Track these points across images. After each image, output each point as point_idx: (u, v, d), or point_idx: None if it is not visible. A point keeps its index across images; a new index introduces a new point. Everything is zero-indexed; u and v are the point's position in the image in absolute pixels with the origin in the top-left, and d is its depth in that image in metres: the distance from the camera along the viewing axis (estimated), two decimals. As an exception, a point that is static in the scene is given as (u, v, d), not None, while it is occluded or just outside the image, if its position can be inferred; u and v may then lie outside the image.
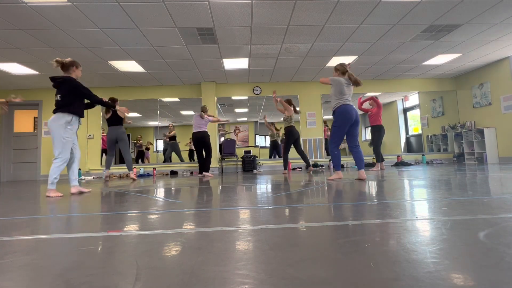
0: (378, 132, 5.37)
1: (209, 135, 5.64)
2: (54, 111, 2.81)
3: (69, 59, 2.92)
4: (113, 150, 5.15)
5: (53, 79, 2.86)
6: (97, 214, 1.66)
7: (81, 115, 2.94)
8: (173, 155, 8.18)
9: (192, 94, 7.28)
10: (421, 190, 2.17)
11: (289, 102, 5.24)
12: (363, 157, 3.35)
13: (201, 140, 5.50)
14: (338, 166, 3.45)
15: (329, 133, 5.54)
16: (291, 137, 5.16)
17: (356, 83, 3.30)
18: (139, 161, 8.93)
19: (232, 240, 1.01)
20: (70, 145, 2.86)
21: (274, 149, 8.37)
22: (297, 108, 5.18)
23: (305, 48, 5.15)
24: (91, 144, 7.03)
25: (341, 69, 3.42)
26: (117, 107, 3.53)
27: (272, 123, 8.78)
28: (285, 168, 5.32)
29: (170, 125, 8.27)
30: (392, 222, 1.18)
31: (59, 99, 2.79)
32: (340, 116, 3.30)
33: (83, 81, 6.55)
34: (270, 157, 8.28)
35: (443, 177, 3.19)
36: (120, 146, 5.05)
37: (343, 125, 3.30)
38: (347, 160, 7.40)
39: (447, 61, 6.13)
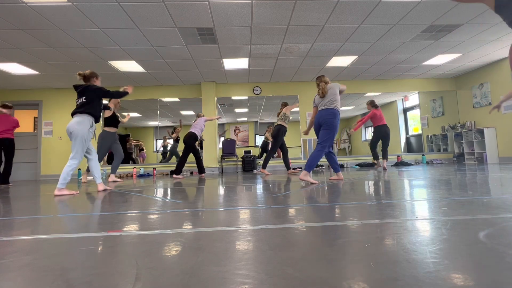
0: (375, 132, 5.46)
1: (194, 137, 5.11)
2: (76, 113, 2.97)
3: (89, 71, 3.18)
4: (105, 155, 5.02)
5: (76, 87, 3.09)
6: (97, 214, 1.66)
7: (98, 119, 3.13)
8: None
9: (192, 94, 7.28)
10: (421, 190, 2.17)
11: (285, 104, 5.40)
12: (317, 161, 3.37)
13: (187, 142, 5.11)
14: (337, 168, 3.48)
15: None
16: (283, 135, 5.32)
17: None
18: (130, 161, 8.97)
19: (232, 240, 1.01)
20: (86, 147, 3.04)
21: (265, 150, 8.32)
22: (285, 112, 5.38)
23: (305, 48, 5.14)
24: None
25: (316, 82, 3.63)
26: (130, 90, 3.45)
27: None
28: (289, 168, 5.43)
29: (178, 127, 8.21)
30: (392, 222, 1.18)
31: (84, 101, 2.99)
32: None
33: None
34: (261, 156, 8.24)
35: (443, 177, 3.19)
36: (116, 149, 4.83)
37: (315, 130, 3.51)
38: (346, 160, 7.41)
39: (447, 61, 6.13)
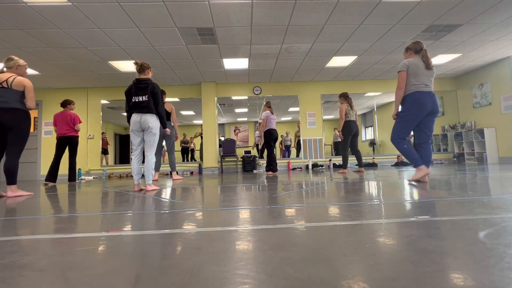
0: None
1: None
2: (145, 112, 2.85)
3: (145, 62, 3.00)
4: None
5: (139, 81, 2.91)
6: (97, 214, 1.66)
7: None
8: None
9: (192, 94, 7.29)
10: (421, 190, 2.17)
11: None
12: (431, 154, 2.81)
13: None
14: (417, 160, 2.67)
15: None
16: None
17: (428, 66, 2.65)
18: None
19: (232, 240, 1.01)
20: None
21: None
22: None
23: (305, 48, 5.14)
24: (91, 144, 7.04)
25: (414, 48, 2.74)
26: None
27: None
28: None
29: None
30: (392, 222, 1.18)
31: (146, 99, 2.84)
32: (408, 105, 2.66)
33: (83, 81, 6.55)
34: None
35: (443, 177, 3.19)
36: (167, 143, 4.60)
37: (411, 116, 2.68)
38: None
39: (447, 61, 6.13)
